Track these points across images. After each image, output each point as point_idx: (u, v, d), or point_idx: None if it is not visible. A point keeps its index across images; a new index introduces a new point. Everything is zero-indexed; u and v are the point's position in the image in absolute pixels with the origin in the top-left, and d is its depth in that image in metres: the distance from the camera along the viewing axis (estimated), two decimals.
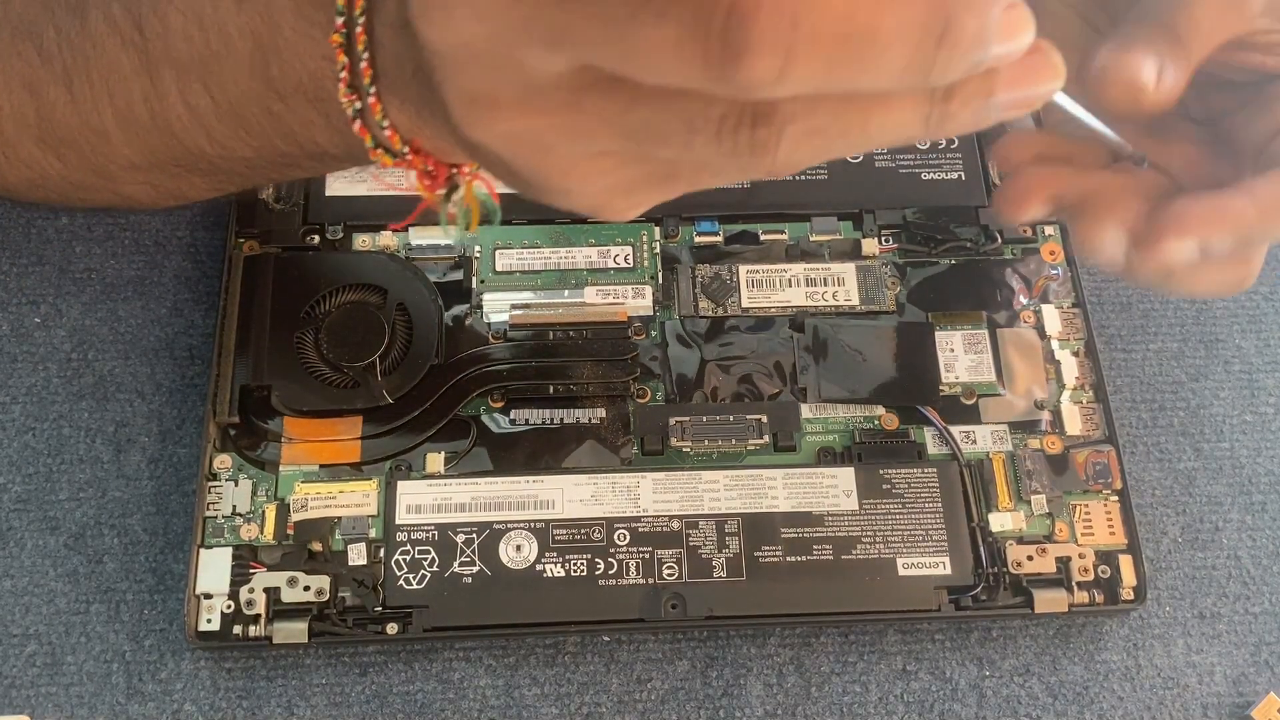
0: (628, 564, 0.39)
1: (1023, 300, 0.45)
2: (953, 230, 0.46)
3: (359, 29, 0.28)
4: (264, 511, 0.40)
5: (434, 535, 0.40)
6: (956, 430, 0.42)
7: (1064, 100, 0.24)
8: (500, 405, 0.42)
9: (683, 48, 0.20)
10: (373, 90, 0.29)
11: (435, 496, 0.40)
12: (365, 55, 0.29)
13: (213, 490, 0.40)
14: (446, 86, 0.25)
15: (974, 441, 0.42)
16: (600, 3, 0.21)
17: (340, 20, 0.29)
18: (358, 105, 0.29)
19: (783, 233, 0.46)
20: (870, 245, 0.46)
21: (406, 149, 0.30)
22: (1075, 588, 0.40)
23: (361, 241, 0.45)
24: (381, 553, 0.39)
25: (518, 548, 0.40)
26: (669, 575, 0.39)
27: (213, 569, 0.39)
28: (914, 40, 0.20)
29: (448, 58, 0.25)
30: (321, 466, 0.41)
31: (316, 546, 0.39)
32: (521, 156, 0.26)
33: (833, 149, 0.23)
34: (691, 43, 0.20)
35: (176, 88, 0.32)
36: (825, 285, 0.45)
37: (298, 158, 0.34)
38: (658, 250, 0.45)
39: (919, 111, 0.22)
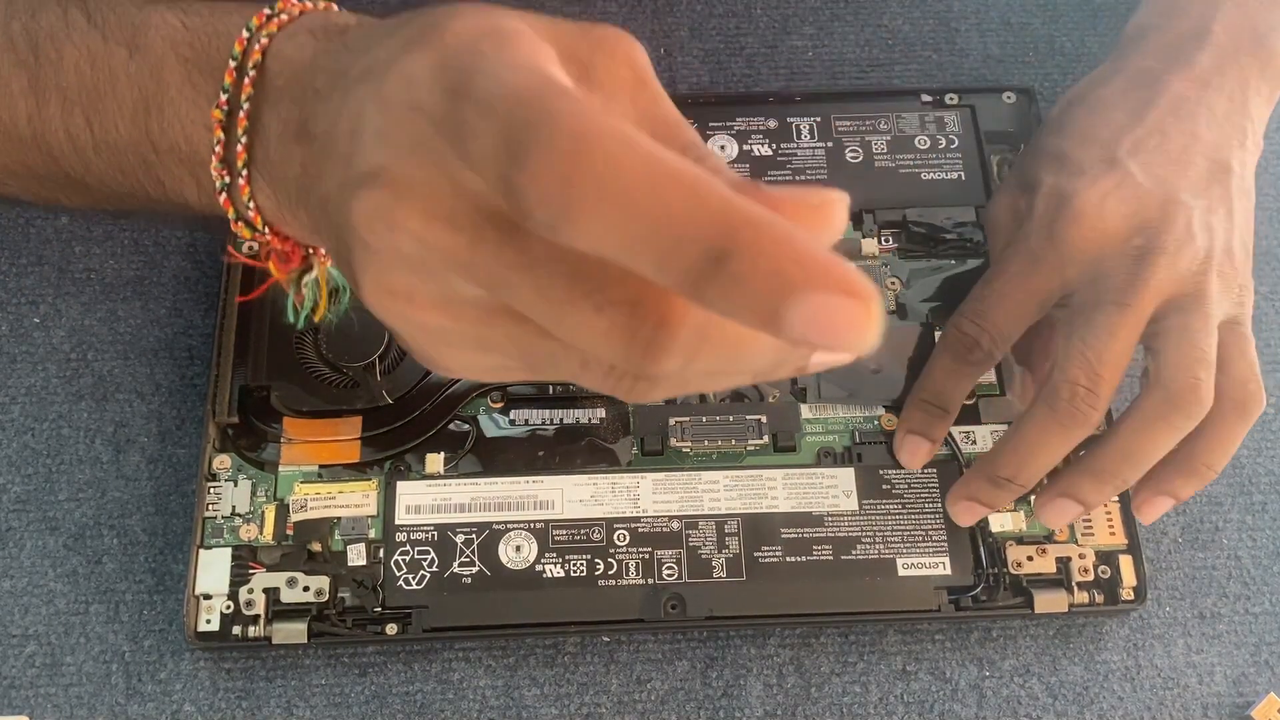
0: (627, 564, 0.39)
1: None
2: (953, 230, 0.46)
3: (242, 113, 0.29)
4: (263, 512, 0.40)
5: (433, 536, 0.40)
6: (956, 430, 0.42)
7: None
8: (500, 405, 0.42)
9: (609, 336, 0.23)
10: (244, 172, 0.30)
11: (435, 497, 0.40)
12: (244, 139, 0.29)
13: (212, 490, 0.40)
14: (363, 271, 0.26)
15: (974, 442, 0.42)
16: (547, 284, 0.23)
17: (224, 97, 0.30)
18: (226, 180, 0.30)
19: None
20: (870, 245, 0.46)
21: (267, 230, 0.31)
22: (1075, 588, 0.40)
23: None
24: (381, 553, 0.39)
25: (517, 548, 0.40)
26: (669, 575, 0.39)
27: (212, 569, 0.39)
28: (782, 353, 0.24)
29: (377, 253, 0.25)
30: (321, 467, 0.41)
31: (316, 547, 0.39)
32: (414, 338, 0.27)
33: (689, 393, 0.30)
34: (619, 336, 0.23)
35: (60, 115, 0.33)
36: None
37: (165, 206, 0.34)
38: None
39: (754, 380, 0.26)
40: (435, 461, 0.41)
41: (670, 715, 0.39)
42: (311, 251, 0.33)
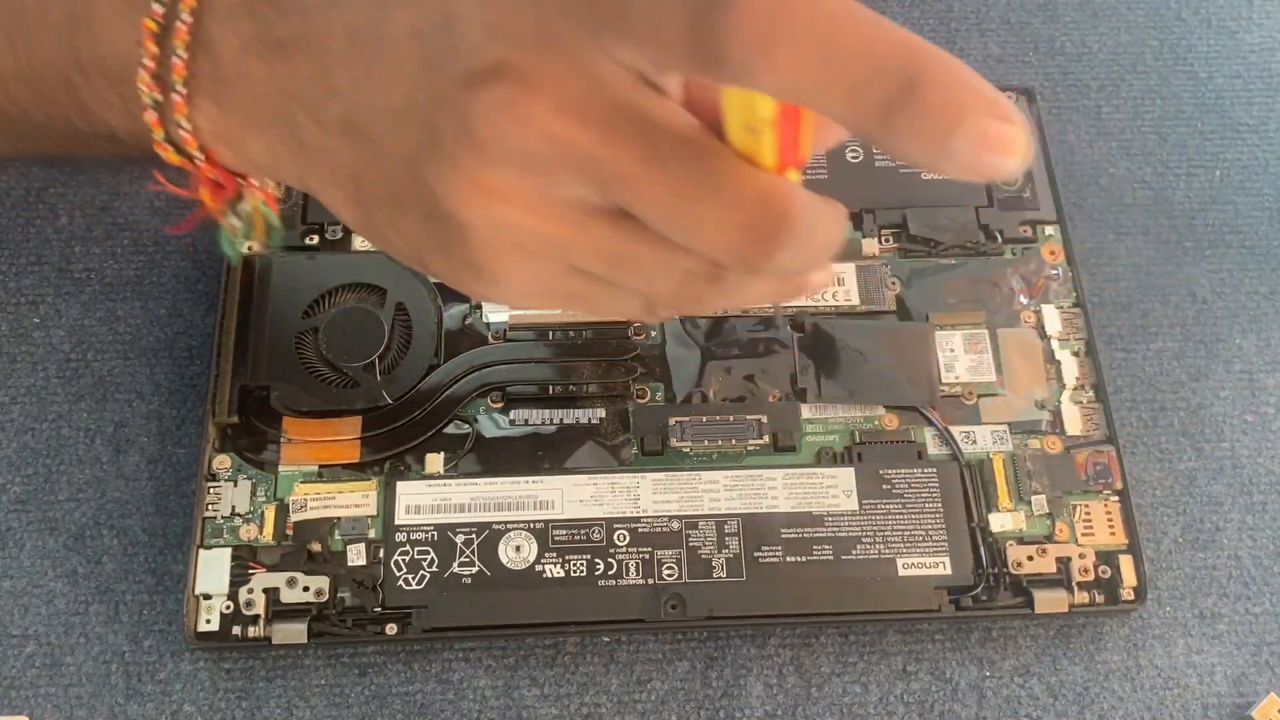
0: (627, 564, 0.39)
1: (1023, 300, 0.45)
2: (952, 230, 0.46)
3: (181, 24, 0.28)
4: (263, 512, 0.40)
5: (433, 536, 0.40)
6: (956, 430, 0.42)
7: None
8: (500, 406, 0.42)
9: (733, 231, 0.23)
10: (182, 90, 0.28)
11: (434, 497, 0.40)
12: (183, 54, 0.28)
13: (212, 491, 0.40)
14: (456, 169, 0.25)
15: (974, 441, 0.42)
16: (679, 179, 0.23)
17: (159, 9, 0.28)
18: (157, 98, 0.29)
19: None
20: (870, 245, 0.46)
21: (200, 155, 0.29)
22: (1075, 588, 0.40)
23: (361, 241, 0.45)
24: (381, 553, 0.39)
25: (517, 548, 0.40)
26: (669, 576, 0.39)
27: (212, 569, 0.39)
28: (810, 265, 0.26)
29: (486, 149, 0.24)
30: (321, 467, 0.41)
31: (316, 547, 0.39)
32: (484, 241, 0.26)
33: (730, 305, 0.29)
34: (743, 230, 0.23)
35: None
36: None
37: (89, 136, 0.32)
38: None
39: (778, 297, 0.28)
40: (435, 461, 0.41)
41: (670, 715, 0.39)
42: (244, 181, 0.31)
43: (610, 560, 0.39)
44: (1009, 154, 0.22)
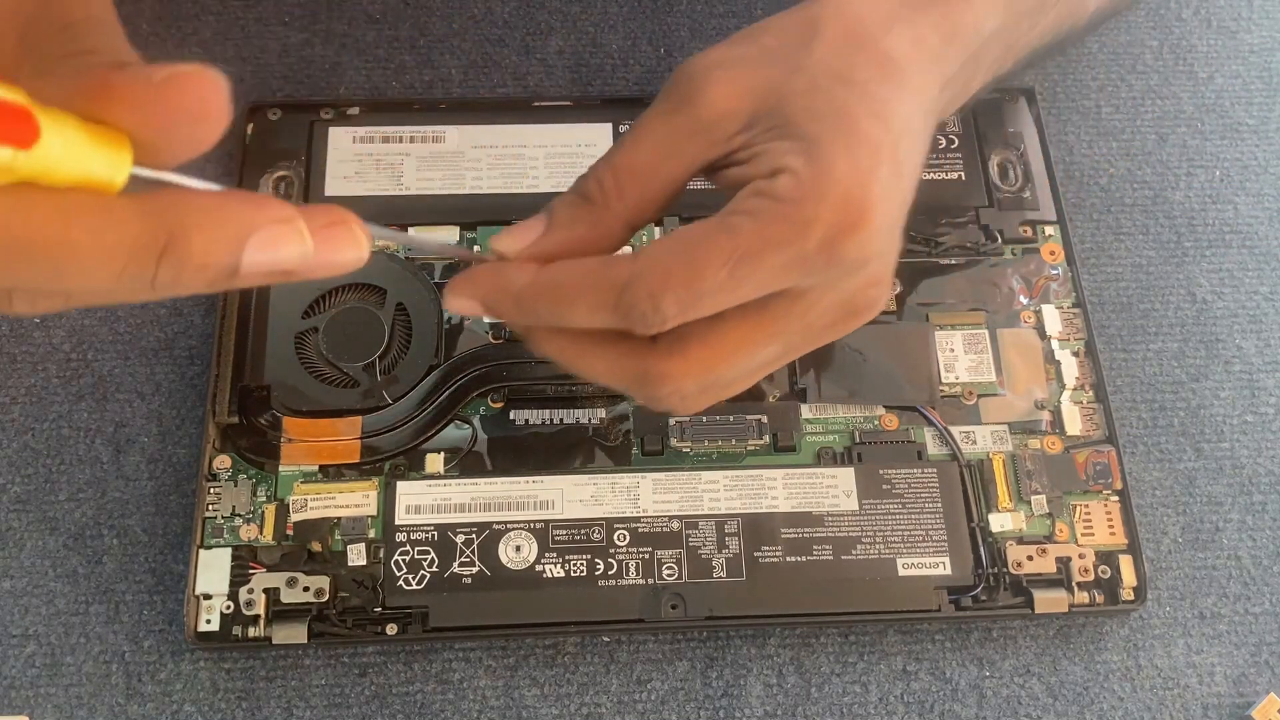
0: (627, 564, 0.39)
1: (1023, 300, 0.45)
2: (952, 230, 0.46)
3: None
4: (263, 512, 0.40)
5: (433, 536, 0.40)
6: (956, 430, 0.42)
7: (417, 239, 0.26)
8: (500, 406, 0.42)
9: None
10: None
11: (435, 497, 0.40)
12: None
13: (212, 490, 0.40)
14: None
15: (974, 441, 0.42)
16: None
17: None
18: None
19: None
20: None
21: None
22: (1075, 588, 0.40)
23: None
24: (381, 553, 0.39)
25: (517, 548, 0.40)
26: (669, 575, 0.39)
27: (212, 569, 0.39)
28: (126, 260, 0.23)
29: None
30: (321, 467, 0.41)
31: (316, 547, 0.39)
32: None
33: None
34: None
35: None
36: None
37: None
38: None
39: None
40: (435, 461, 0.41)
41: (670, 715, 0.39)
42: None
43: (610, 560, 0.39)
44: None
